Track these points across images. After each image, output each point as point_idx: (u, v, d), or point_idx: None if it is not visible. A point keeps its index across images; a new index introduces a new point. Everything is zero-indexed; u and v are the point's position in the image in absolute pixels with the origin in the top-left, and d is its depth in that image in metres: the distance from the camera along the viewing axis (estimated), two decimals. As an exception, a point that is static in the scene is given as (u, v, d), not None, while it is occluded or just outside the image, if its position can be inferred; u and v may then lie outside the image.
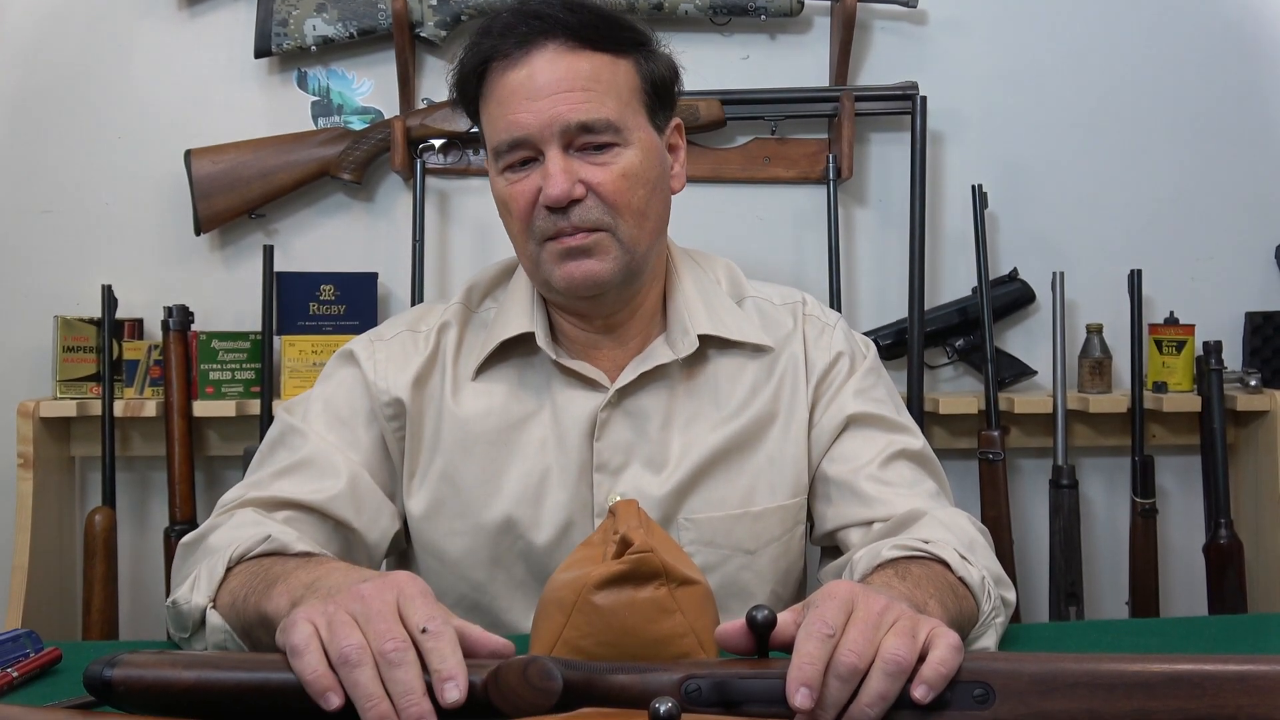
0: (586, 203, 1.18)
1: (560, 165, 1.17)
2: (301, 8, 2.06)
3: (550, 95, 1.17)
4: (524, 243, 1.22)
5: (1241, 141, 2.23)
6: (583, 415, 1.26)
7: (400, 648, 0.77)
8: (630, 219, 1.20)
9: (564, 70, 1.18)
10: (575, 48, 1.19)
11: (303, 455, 1.24)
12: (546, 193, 1.16)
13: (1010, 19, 2.20)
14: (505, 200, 1.22)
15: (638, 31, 1.24)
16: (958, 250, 2.19)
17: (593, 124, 1.18)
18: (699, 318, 1.29)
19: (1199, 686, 0.75)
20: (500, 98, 1.20)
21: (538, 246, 1.20)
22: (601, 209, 1.18)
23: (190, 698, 0.79)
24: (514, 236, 1.24)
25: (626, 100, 1.21)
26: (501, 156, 1.21)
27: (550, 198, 1.16)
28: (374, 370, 1.28)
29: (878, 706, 0.75)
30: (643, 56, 1.24)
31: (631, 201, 1.20)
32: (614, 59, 1.21)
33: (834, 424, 1.30)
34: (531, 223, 1.20)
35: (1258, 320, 2.21)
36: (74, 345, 2.00)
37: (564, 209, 1.17)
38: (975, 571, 1.08)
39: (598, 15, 1.21)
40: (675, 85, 1.29)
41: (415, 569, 1.31)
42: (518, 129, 1.18)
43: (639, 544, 0.89)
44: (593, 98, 1.18)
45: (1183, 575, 2.21)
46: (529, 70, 1.18)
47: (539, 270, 1.22)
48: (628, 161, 1.20)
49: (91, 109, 2.11)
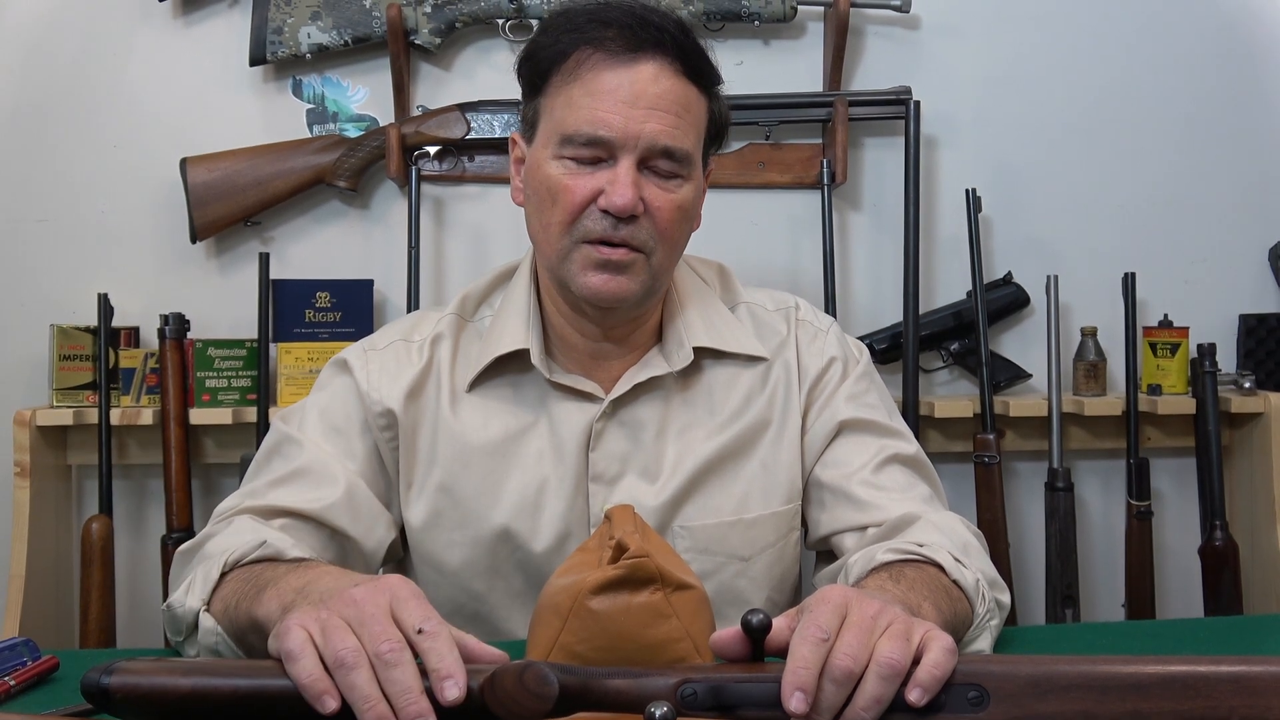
0: (640, 222, 1.18)
1: (632, 177, 1.16)
2: (296, 16, 2.06)
3: (646, 108, 1.17)
4: (558, 236, 1.20)
5: (1234, 144, 2.24)
6: (579, 427, 1.26)
7: (396, 648, 0.77)
8: (667, 248, 1.21)
9: (666, 89, 1.18)
10: (679, 71, 1.20)
11: (299, 464, 1.24)
12: (612, 199, 1.16)
13: (1003, 23, 2.21)
14: (555, 190, 1.19)
15: (718, 73, 1.26)
16: (952, 254, 2.20)
17: (675, 151, 1.18)
18: (695, 329, 1.29)
19: (1192, 688, 0.75)
20: (592, 89, 1.18)
21: (573, 244, 1.19)
22: (650, 232, 1.19)
23: (187, 705, 0.79)
24: (546, 226, 1.21)
25: (700, 136, 1.23)
26: (569, 145, 1.18)
27: (615, 206, 1.16)
28: (367, 380, 1.28)
29: (873, 710, 0.76)
30: (715, 97, 1.26)
31: (674, 233, 1.22)
32: (700, 94, 1.23)
33: (827, 430, 1.31)
34: (580, 220, 1.18)
35: (1251, 322, 2.21)
36: (70, 353, 2.00)
37: (619, 219, 1.17)
38: (969, 574, 1.08)
39: (700, 46, 1.22)
40: (727, 131, 1.31)
41: (413, 578, 1.31)
42: (603, 127, 1.16)
43: (635, 549, 0.90)
44: (682, 125, 1.19)
45: (1178, 577, 2.21)
46: (632, 75, 1.17)
47: (563, 267, 1.21)
48: (685, 195, 1.21)
49: (87, 117, 2.11)
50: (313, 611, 0.83)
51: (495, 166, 2.14)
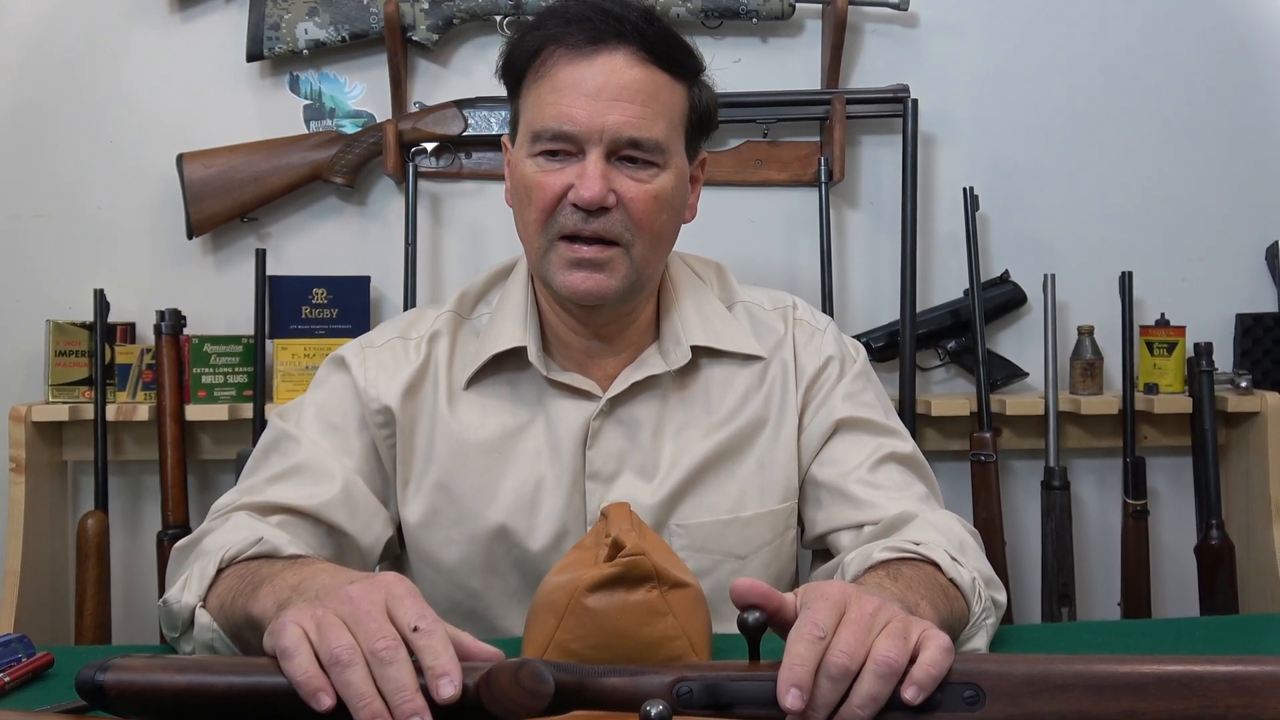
0: (613, 214, 1.18)
1: (599, 169, 1.16)
2: (293, 11, 2.06)
3: (609, 100, 1.16)
4: (536, 234, 1.21)
5: (1232, 143, 2.24)
6: (576, 425, 1.26)
7: (391, 646, 0.77)
8: (647, 240, 1.21)
9: (629, 79, 1.17)
10: (644, 60, 1.19)
11: (296, 461, 1.24)
12: (580, 193, 1.16)
13: (1001, 21, 2.21)
14: (529, 187, 1.20)
15: (698, 60, 1.25)
16: (949, 252, 2.20)
17: (643, 142, 1.18)
18: (692, 328, 1.29)
19: (1188, 687, 0.75)
20: (557, 84, 1.18)
21: (550, 242, 1.20)
22: (625, 224, 1.18)
23: (182, 702, 0.79)
24: (526, 224, 1.22)
25: (675, 125, 1.22)
26: (539, 142, 1.19)
27: (583, 199, 1.16)
28: (364, 378, 1.28)
29: (869, 708, 0.76)
30: (696, 85, 1.25)
31: (654, 224, 1.20)
32: (673, 81, 1.21)
33: (823, 428, 1.31)
34: (554, 217, 1.19)
35: (1248, 322, 2.22)
36: (66, 349, 2.00)
37: (590, 212, 1.17)
38: (966, 573, 1.08)
39: (669, 34, 1.21)
40: (714, 120, 1.30)
41: (410, 576, 1.31)
42: (568, 122, 1.17)
43: (631, 547, 0.89)
44: (649, 115, 1.18)
45: (1174, 576, 2.21)
46: (594, 68, 1.17)
47: (543, 265, 1.22)
48: (661, 184, 1.20)
49: (84, 113, 2.10)
50: (308, 609, 0.83)
51: (492, 163, 2.13)
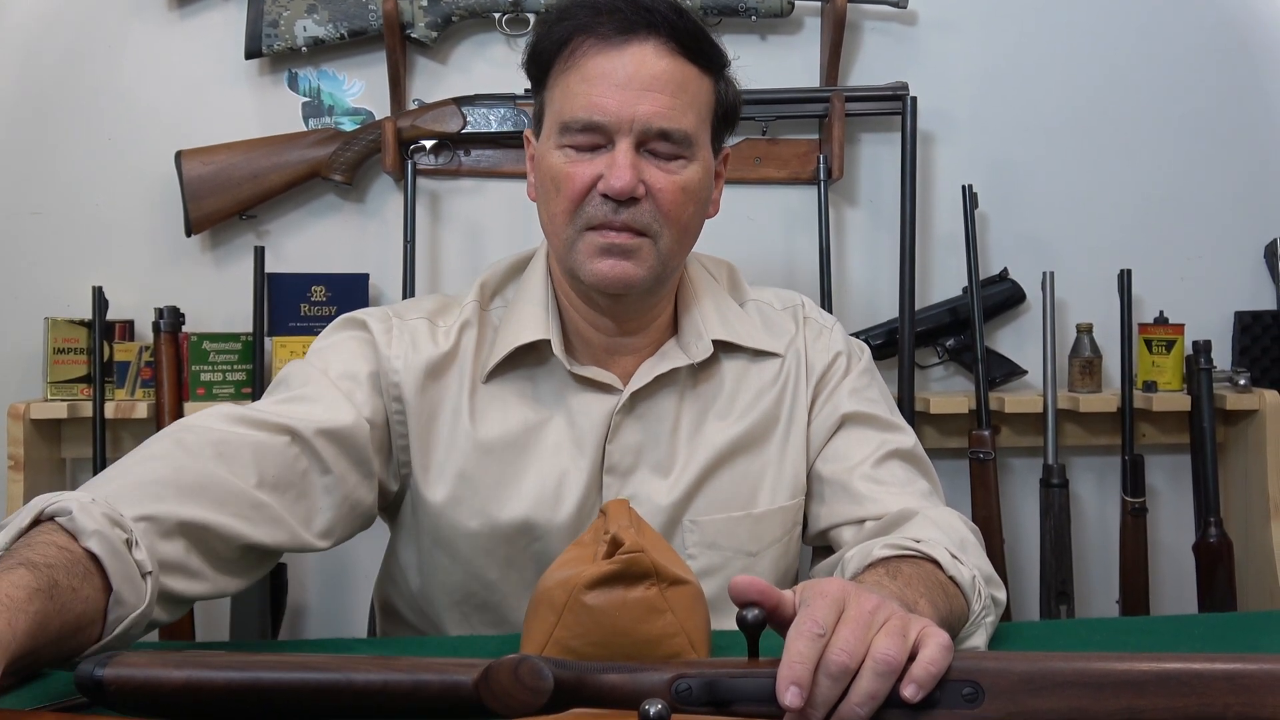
0: (642, 205, 1.18)
1: (629, 159, 1.16)
2: (292, 9, 2.05)
3: (640, 90, 1.16)
4: (563, 225, 1.20)
5: (1231, 141, 2.24)
6: (598, 418, 1.26)
7: None
8: (674, 231, 1.20)
9: (660, 70, 1.17)
10: (674, 51, 1.19)
11: (305, 391, 1.21)
12: (610, 183, 1.16)
13: (1000, 20, 2.21)
14: (558, 178, 1.19)
15: (724, 55, 1.25)
16: (948, 250, 2.20)
17: (672, 133, 1.18)
18: (712, 323, 1.29)
19: (1187, 685, 0.75)
20: (587, 75, 1.18)
21: (578, 233, 1.20)
22: (653, 215, 1.18)
23: (182, 697, 0.79)
24: (554, 216, 1.22)
25: (703, 117, 1.22)
26: (567, 133, 1.19)
27: (614, 189, 1.15)
28: (388, 345, 1.25)
29: (868, 706, 0.76)
30: (722, 80, 1.25)
31: (681, 216, 1.20)
32: (701, 74, 1.21)
33: (829, 423, 1.31)
34: (582, 207, 1.19)
35: (1247, 319, 2.22)
36: (65, 347, 2.00)
37: (619, 203, 1.17)
38: (966, 571, 1.08)
39: (698, 26, 1.21)
40: (738, 116, 1.30)
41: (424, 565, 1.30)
42: (598, 112, 1.17)
43: (630, 544, 0.89)
44: (678, 106, 1.18)
45: (1172, 574, 2.21)
46: (625, 58, 1.17)
47: (571, 256, 1.21)
48: (689, 176, 1.20)
49: (82, 110, 2.10)
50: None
51: (491, 161, 2.13)
